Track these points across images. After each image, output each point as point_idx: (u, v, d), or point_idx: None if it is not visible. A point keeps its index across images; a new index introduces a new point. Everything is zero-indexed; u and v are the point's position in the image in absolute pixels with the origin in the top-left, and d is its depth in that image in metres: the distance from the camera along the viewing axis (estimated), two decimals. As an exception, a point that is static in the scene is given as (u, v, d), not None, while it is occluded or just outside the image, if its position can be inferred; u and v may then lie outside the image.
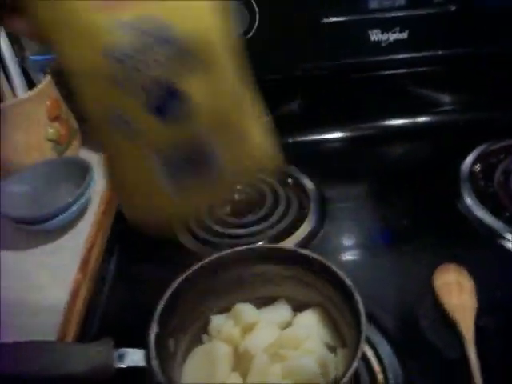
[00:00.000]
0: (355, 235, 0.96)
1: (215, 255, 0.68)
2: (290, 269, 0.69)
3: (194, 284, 0.67)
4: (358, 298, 0.60)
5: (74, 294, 0.87)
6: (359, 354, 0.55)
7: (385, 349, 0.75)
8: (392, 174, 1.09)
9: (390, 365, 0.72)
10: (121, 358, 0.58)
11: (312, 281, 0.68)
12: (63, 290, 0.88)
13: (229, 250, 0.68)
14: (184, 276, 0.66)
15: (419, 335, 0.77)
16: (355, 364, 0.54)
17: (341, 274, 0.63)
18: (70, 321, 0.83)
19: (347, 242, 0.94)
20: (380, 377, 0.72)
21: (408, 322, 0.79)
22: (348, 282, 0.62)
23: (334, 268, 0.64)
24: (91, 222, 1.01)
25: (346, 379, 0.54)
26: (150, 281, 0.86)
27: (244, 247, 0.69)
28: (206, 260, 0.68)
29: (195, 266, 0.67)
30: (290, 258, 0.68)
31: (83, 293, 0.87)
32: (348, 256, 0.91)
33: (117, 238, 1.00)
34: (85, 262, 0.92)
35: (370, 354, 0.74)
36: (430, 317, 0.79)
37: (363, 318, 0.58)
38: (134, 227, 0.59)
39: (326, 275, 0.65)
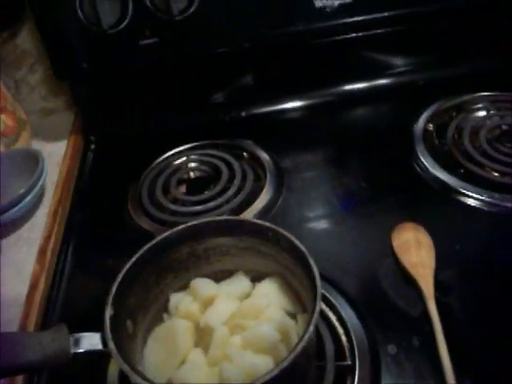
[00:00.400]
0: (314, 204, 0.95)
1: (166, 233, 0.67)
2: (245, 240, 0.68)
3: (147, 263, 0.66)
4: (311, 261, 0.60)
5: (33, 286, 0.85)
6: (316, 316, 0.54)
7: (347, 312, 0.75)
8: (348, 140, 1.09)
9: (352, 327, 0.73)
10: (77, 342, 0.57)
11: (268, 250, 0.67)
12: (22, 283, 0.86)
13: (180, 227, 0.67)
14: (136, 256, 0.65)
15: (381, 296, 0.78)
16: (312, 327, 0.54)
17: (294, 239, 0.63)
18: (29, 313, 0.82)
19: (306, 211, 0.94)
20: (344, 339, 0.72)
21: (370, 284, 0.80)
22: (301, 247, 0.62)
23: (287, 235, 0.64)
24: (47, 213, 0.99)
25: (303, 342, 0.53)
26: (109, 268, 0.84)
27: (195, 221, 0.68)
28: (158, 238, 0.67)
29: (147, 246, 0.66)
30: (243, 229, 0.67)
31: (42, 284, 0.86)
32: (307, 225, 0.91)
33: (73, 227, 0.99)
34: (42, 253, 0.91)
35: (333, 318, 0.75)
36: (390, 276, 0.80)
37: (317, 281, 0.58)
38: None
39: (280, 243, 0.65)
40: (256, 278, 0.71)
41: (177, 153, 1.08)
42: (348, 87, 1.20)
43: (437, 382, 0.67)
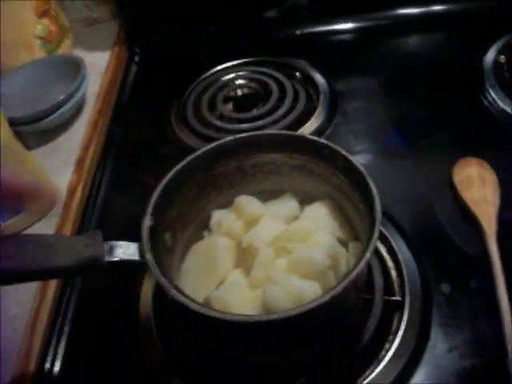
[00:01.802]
0: (368, 132, 0.88)
1: (213, 144, 0.62)
2: (297, 158, 0.62)
3: (191, 175, 0.61)
4: (371, 184, 0.54)
5: (70, 196, 0.82)
6: (373, 243, 0.49)
7: (400, 245, 0.70)
8: (407, 67, 1.00)
9: (404, 261, 0.68)
10: (112, 250, 0.53)
11: (321, 170, 0.62)
12: (59, 191, 0.83)
13: (228, 138, 0.62)
14: (180, 166, 0.60)
15: (437, 231, 0.72)
16: (368, 254, 0.49)
17: (353, 159, 0.57)
18: (65, 222, 0.79)
19: (360, 139, 0.87)
20: (394, 273, 0.67)
21: (425, 218, 0.74)
22: (360, 168, 0.56)
23: (345, 153, 0.58)
24: (86, 123, 0.95)
25: (357, 271, 0.48)
26: (149, 182, 0.80)
27: (245, 134, 0.62)
28: (204, 149, 0.61)
29: (192, 156, 0.61)
30: (297, 146, 0.61)
31: (79, 194, 0.83)
32: (361, 154, 0.84)
33: (113, 139, 0.95)
34: (80, 163, 0.87)
35: (383, 250, 0.70)
36: (449, 212, 0.74)
37: (377, 205, 0.52)
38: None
39: (336, 163, 0.59)
40: (305, 201, 0.66)
41: (225, 68, 1.01)
42: (409, 11, 1.09)
43: (491, 327, 0.62)
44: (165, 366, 0.63)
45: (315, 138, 0.60)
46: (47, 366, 0.67)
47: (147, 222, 0.55)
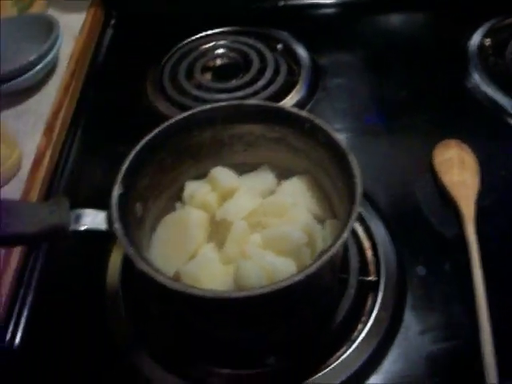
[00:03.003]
0: (349, 108, 0.86)
1: (189, 111, 0.59)
2: (277, 130, 0.60)
3: (165, 143, 0.58)
4: (353, 162, 0.52)
5: (37, 161, 0.79)
6: (353, 219, 0.47)
7: (377, 226, 0.69)
8: (392, 45, 0.98)
9: (381, 242, 0.67)
10: (78, 219, 0.50)
11: (301, 145, 0.59)
12: (26, 157, 0.80)
13: (205, 106, 0.59)
14: (153, 133, 0.57)
15: (415, 213, 0.71)
16: (346, 234, 0.47)
17: (333, 133, 0.55)
18: (31, 189, 0.75)
19: (340, 115, 0.85)
20: (369, 254, 0.66)
21: (404, 200, 0.73)
22: (343, 145, 0.54)
23: (327, 128, 0.55)
24: (58, 86, 0.90)
25: (334, 249, 0.46)
26: (120, 150, 0.77)
27: (224, 103, 0.59)
28: (179, 116, 0.59)
29: (166, 123, 0.58)
30: (277, 118, 0.59)
31: (46, 160, 0.79)
32: (341, 131, 0.82)
33: (85, 105, 0.91)
34: (50, 128, 0.83)
35: (359, 230, 0.68)
36: (427, 194, 0.73)
37: (358, 184, 0.50)
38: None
39: (317, 138, 0.56)
40: (282, 175, 0.64)
41: (205, 36, 0.98)
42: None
43: (465, 311, 0.61)
44: (131, 340, 0.61)
45: (297, 110, 0.58)
46: (7, 337, 0.65)
47: (117, 190, 0.52)
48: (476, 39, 0.95)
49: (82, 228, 0.50)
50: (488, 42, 0.95)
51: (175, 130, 0.59)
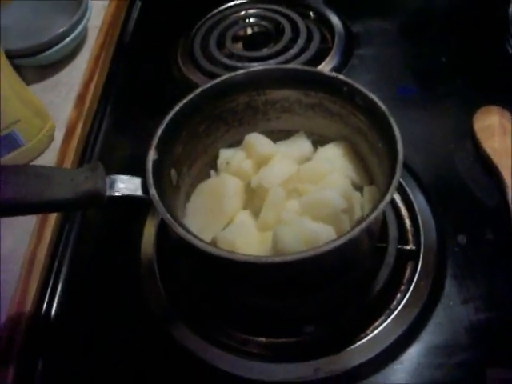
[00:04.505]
0: (385, 76, 0.83)
1: (223, 77, 0.57)
2: (313, 95, 0.58)
3: (198, 110, 0.57)
4: (393, 123, 0.50)
5: (69, 132, 0.79)
6: (395, 183, 0.46)
7: (415, 194, 0.67)
8: (428, 12, 0.95)
9: (420, 211, 0.65)
10: (113, 185, 0.49)
11: (338, 109, 0.58)
12: (59, 128, 0.80)
13: (239, 71, 0.58)
14: (187, 99, 0.56)
15: (455, 181, 0.69)
16: (389, 196, 0.45)
17: (373, 97, 0.53)
18: (64, 159, 0.75)
19: (375, 84, 0.82)
20: (408, 223, 0.64)
21: (443, 168, 0.71)
22: (382, 106, 0.52)
23: (367, 92, 0.54)
24: (88, 58, 0.90)
25: (376, 213, 0.45)
26: (153, 120, 0.76)
27: (257, 68, 0.58)
28: (213, 82, 0.57)
29: (199, 89, 0.57)
30: (313, 82, 0.57)
31: (79, 131, 0.79)
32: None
33: (116, 76, 0.90)
34: (81, 99, 0.83)
35: (398, 199, 0.66)
36: (468, 162, 0.71)
37: (399, 144, 0.48)
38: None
39: (355, 101, 0.55)
40: (318, 142, 0.62)
41: (235, 5, 0.96)
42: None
43: (508, 280, 0.59)
44: (167, 309, 0.61)
45: (333, 73, 0.56)
46: (43, 308, 0.65)
47: (152, 155, 0.51)
48: (517, 4, 0.91)
49: (118, 194, 0.49)
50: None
51: (209, 95, 0.58)
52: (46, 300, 0.65)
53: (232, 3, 0.96)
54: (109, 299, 0.64)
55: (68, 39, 0.87)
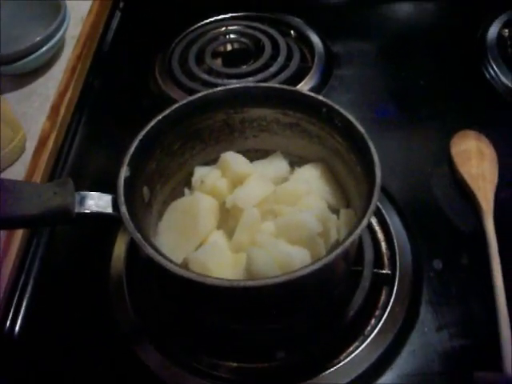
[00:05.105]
0: (364, 97, 0.83)
1: (200, 93, 0.56)
2: (291, 115, 0.57)
3: (174, 126, 0.56)
4: (371, 146, 0.50)
5: (41, 144, 0.77)
6: (373, 207, 0.45)
7: (392, 217, 0.66)
8: (408, 34, 0.95)
9: (396, 234, 0.64)
10: (83, 201, 0.48)
11: (316, 130, 0.57)
12: (30, 139, 0.78)
13: (216, 88, 0.56)
14: (162, 115, 0.55)
15: (431, 205, 0.69)
16: (366, 220, 0.45)
17: (352, 119, 0.52)
18: (34, 172, 0.73)
19: (354, 105, 0.82)
20: (384, 246, 0.64)
21: (420, 192, 0.70)
22: (361, 129, 0.51)
23: (345, 113, 0.53)
24: (64, 68, 0.88)
25: (352, 238, 0.44)
26: (129, 134, 0.75)
27: (236, 85, 0.57)
28: (190, 98, 0.56)
29: (176, 105, 0.56)
30: (291, 101, 0.56)
31: (51, 143, 0.77)
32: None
33: (92, 88, 0.88)
34: (55, 110, 0.81)
35: (374, 222, 0.66)
36: (444, 186, 0.71)
37: (378, 167, 0.48)
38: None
39: (334, 123, 0.54)
40: (295, 163, 0.61)
41: (215, 21, 0.95)
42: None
43: (483, 306, 0.59)
44: (135, 330, 0.59)
45: (313, 94, 0.55)
46: (7, 325, 0.63)
47: (124, 172, 0.50)
48: (494, 29, 0.92)
49: (87, 211, 0.48)
50: (506, 32, 0.92)
51: (186, 112, 0.56)
52: (10, 317, 0.63)
53: (213, 18, 0.95)
54: (75, 317, 0.62)
55: (45, 48, 0.85)
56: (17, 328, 0.63)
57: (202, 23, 0.95)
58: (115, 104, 0.86)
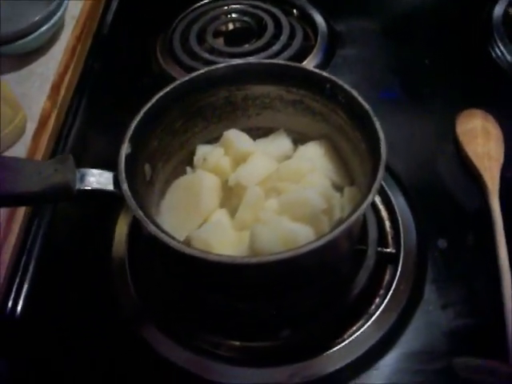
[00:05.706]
0: (368, 77, 0.82)
1: (202, 70, 0.55)
2: (294, 92, 0.56)
3: (176, 103, 0.55)
4: (376, 121, 0.49)
5: (42, 124, 0.76)
6: (378, 183, 0.44)
7: (397, 197, 0.65)
8: (412, 13, 0.93)
9: (400, 213, 0.64)
10: (83, 178, 0.47)
11: (319, 107, 0.56)
12: (31, 120, 0.77)
13: (218, 65, 0.56)
14: (163, 92, 0.54)
15: (437, 184, 0.68)
16: (370, 197, 0.44)
17: (357, 94, 0.51)
18: (35, 152, 0.73)
19: (359, 83, 0.79)
20: (388, 225, 0.63)
21: (425, 171, 0.70)
22: (364, 103, 0.51)
23: (349, 88, 0.52)
24: (64, 48, 0.87)
25: (357, 214, 0.44)
26: (130, 113, 0.74)
27: (238, 62, 0.56)
28: (192, 75, 0.55)
29: (178, 82, 0.55)
30: (295, 78, 0.55)
31: (52, 123, 0.76)
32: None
33: (92, 68, 0.87)
34: (55, 90, 0.80)
35: (378, 200, 0.65)
36: (450, 165, 0.70)
37: (383, 143, 0.47)
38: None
39: (338, 99, 0.53)
40: (299, 140, 0.60)
41: (217, 0, 0.93)
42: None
43: (488, 285, 0.58)
44: (137, 310, 0.58)
45: (316, 70, 0.54)
46: (9, 306, 0.62)
47: (125, 149, 0.49)
48: (500, 8, 0.91)
49: (88, 188, 0.47)
50: (512, 10, 0.91)
51: (187, 89, 0.56)
52: (12, 297, 0.63)
53: (214, -3, 0.94)
54: (78, 298, 0.61)
55: (44, 28, 0.84)
56: (19, 309, 0.62)
57: (204, 2, 0.93)
58: (116, 84, 0.85)
